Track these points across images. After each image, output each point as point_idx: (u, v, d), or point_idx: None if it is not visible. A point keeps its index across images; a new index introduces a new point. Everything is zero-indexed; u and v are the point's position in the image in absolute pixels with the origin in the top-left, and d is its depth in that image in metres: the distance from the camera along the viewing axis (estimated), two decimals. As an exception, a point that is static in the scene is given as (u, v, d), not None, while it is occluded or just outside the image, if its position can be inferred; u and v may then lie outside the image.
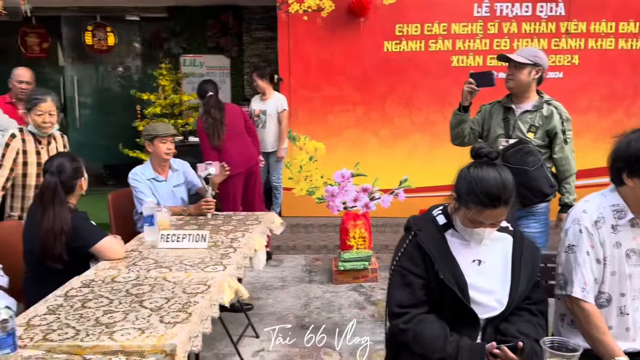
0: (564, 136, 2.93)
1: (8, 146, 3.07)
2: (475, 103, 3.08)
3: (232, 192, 4.56)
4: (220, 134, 4.46)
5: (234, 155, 4.52)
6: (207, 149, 4.47)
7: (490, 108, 3.12)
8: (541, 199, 2.88)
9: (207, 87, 4.54)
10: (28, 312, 1.95)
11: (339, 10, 5.41)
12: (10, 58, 7.67)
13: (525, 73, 2.90)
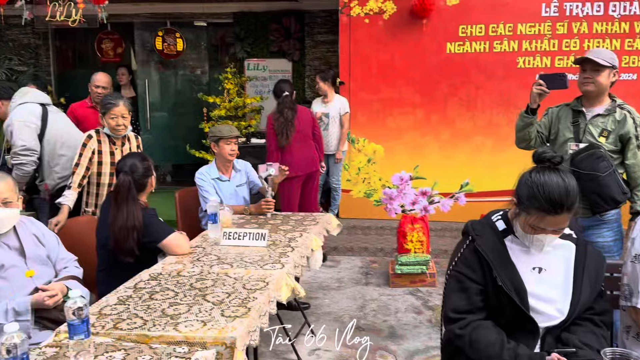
0: (638, 142, 2.79)
1: (85, 146, 3.29)
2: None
3: (288, 194, 4.65)
4: (288, 135, 4.56)
5: (296, 158, 4.62)
6: (273, 148, 4.56)
7: (558, 111, 3.01)
8: (612, 206, 2.76)
9: (283, 87, 4.65)
10: (100, 302, 2.09)
11: (400, 13, 5.39)
12: (87, 63, 8.18)
13: (604, 76, 2.79)
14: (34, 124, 3.55)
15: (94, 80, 4.44)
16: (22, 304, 2.15)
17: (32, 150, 3.52)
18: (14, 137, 3.52)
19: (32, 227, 2.41)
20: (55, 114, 3.74)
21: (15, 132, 3.51)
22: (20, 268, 2.26)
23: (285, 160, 4.57)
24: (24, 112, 3.57)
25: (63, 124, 3.74)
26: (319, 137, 4.88)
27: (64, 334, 1.75)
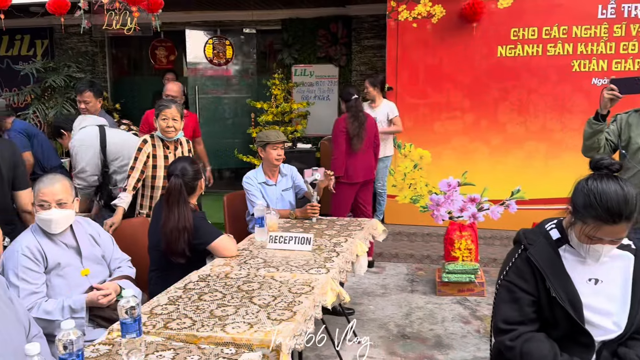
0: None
1: (140, 150, 3.41)
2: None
3: (343, 199, 4.64)
4: (362, 139, 4.59)
5: (358, 165, 4.64)
6: (341, 153, 4.53)
7: (627, 117, 2.86)
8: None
9: (352, 91, 4.68)
10: (151, 302, 2.15)
11: (450, 16, 5.31)
12: (141, 70, 8.47)
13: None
14: (92, 145, 3.73)
15: (166, 90, 4.68)
16: (78, 301, 2.24)
17: (91, 171, 3.72)
18: (75, 160, 3.74)
19: (89, 227, 2.51)
20: (111, 131, 3.91)
21: (76, 154, 3.73)
22: (76, 267, 2.36)
23: (348, 166, 4.59)
24: (83, 135, 3.78)
25: (119, 138, 3.89)
26: (378, 145, 4.88)
27: (117, 332, 1.81)
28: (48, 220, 2.27)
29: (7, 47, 8.10)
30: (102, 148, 3.77)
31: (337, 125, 4.62)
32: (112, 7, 4.82)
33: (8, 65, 8.08)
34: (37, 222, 2.31)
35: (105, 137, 3.81)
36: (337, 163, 4.58)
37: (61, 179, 2.36)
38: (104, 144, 3.78)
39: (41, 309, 2.18)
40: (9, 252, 2.25)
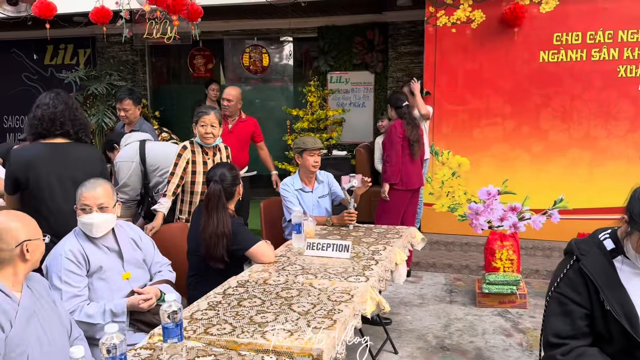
0: None
1: (180, 157, 3.44)
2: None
3: (397, 206, 4.58)
4: (419, 145, 4.57)
5: (414, 171, 4.61)
6: (396, 159, 4.47)
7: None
8: None
9: (402, 97, 4.64)
10: (192, 307, 2.14)
11: (490, 21, 5.21)
12: (180, 78, 8.63)
13: None
14: (133, 161, 3.80)
15: (223, 94, 4.77)
16: (119, 305, 2.26)
17: (132, 186, 3.79)
18: (118, 176, 3.83)
19: (130, 231, 2.54)
20: (152, 144, 3.97)
21: (119, 170, 3.81)
22: (117, 270, 2.39)
23: (404, 173, 4.55)
24: (125, 152, 3.87)
25: (158, 149, 3.94)
26: (424, 152, 4.84)
27: (158, 337, 1.81)
28: (89, 224, 2.30)
29: (52, 56, 8.38)
30: (142, 160, 3.84)
31: (393, 131, 4.51)
32: (153, 16, 4.92)
33: (52, 73, 8.36)
34: (79, 226, 2.35)
35: (145, 149, 3.87)
36: (393, 169, 4.49)
37: (103, 183, 2.39)
38: (144, 157, 3.85)
39: (83, 313, 2.21)
40: (52, 255, 2.30)
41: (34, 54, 8.06)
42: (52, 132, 2.71)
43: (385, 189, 4.54)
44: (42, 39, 7.63)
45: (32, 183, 2.66)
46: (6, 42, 8.31)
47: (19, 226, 1.82)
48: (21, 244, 1.79)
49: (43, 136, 2.72)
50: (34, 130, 2.71)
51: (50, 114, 2.70)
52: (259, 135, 5.03)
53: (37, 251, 1.86)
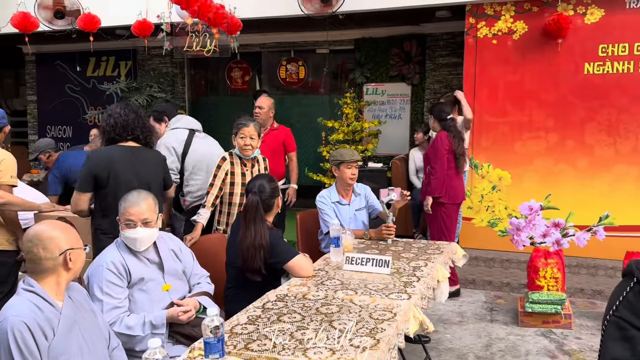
0: None
1: (219, 168, 3.45)
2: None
3: (449, 220, 4.49)
4: (465, 158, 4.54)
5: (459, 184, 4.56)
6: (443, 172, 4.40)
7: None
8: None
9: (446, 109, 4.59)
10: (231, 320, 2.11)
11: (532, 33, 5.09)
12: (218, 90, 8.74)
13: None
14: (174, 147, 3.82)
15: (256, 102, 4.78)
16: (159, 317, 2.25)
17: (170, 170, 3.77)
18: None
19: (171, 242, 2.54)
20: (201, 139, 3.98)
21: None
22: (158, 282, 2.38)
23: (451, 185, 4.48)
24: (170, 136, 3.89)
25: (205, 149, 3.96)
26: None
27: (199, 351, 1.79)
28: (133, 239, 2.31)
29: (94, 68, 8.62)
30: (183, 154, 3.84)
31: (439, 143, 4.42)
32: (194, 29, 5.00)
33: (94, 85, 8.59)
34: (122, 239, 2.36)
35: (191, 143, 3.87)
36: (437, 182, 4.40)
37: (146, 197, 2.40)
38: (187, 150, 3.85)
39: (123, 324, 2.21)
40: (94, 266, 2.31)
41: (77, 66, 8.30)
42: (124, 137, 3.00)
43: (429, 202, 4.44)
44: (85, 52, 7.87)
45: (112, 181, 2.89)
46: (51, 54, 8.60)
47: (62, 235, 1.83)
48: (64, 253, 1.81)
49: (116, 141, 3.00)
50: (108, 136, 3.00)
51: (122, 121, 2.98)
52: (290, 145, 4.95)
53: (79, 260, 1.87)
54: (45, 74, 8.84)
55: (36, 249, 1.79)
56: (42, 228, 1.84)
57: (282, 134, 4.90)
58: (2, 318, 1.68)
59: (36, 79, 8.93)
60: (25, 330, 1.64)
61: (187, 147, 3.85)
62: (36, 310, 1.71)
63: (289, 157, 4.98)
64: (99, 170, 2.89)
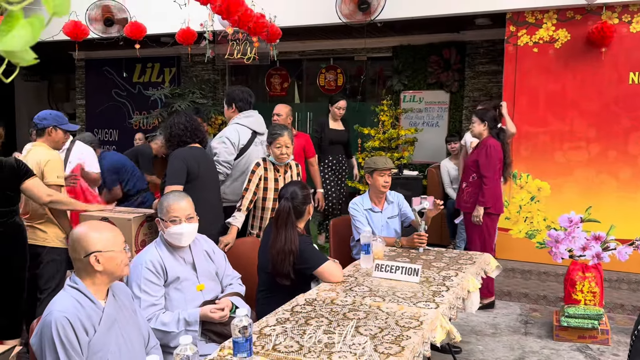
0: None
1: (254, 173, 3.54)
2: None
3: (492, 231, 4.46)
4: (510, 168, 4.53)
5: (501, 194, 4.51)
6: (494, 181, 4.36)
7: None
8: None
9: (497, 117, 4.56)
10: (261, 322, 2.18)
11: (575, 41, 4.99)
12: (256, 96, 8.89)
13: None
14: (231, 144, 3.88)
15: (274, 109, 4.90)
16: (192, 315, 2.34)
17: (226, 162, 3.87)
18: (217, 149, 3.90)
19: (205, 244, 2.64)
20: (257, 146, 4.04)
21: (218, 145, 3.89)
22: (192, 282, 2.48)
23: (497, 194, 4.43)
24: (232, 130, 3.94)
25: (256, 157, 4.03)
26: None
27: (228, 350, 1.86)
28: (179, 234, 2.42)
29: (140, 74, 8.93)
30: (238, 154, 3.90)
31: (493, 151, 4.32)
32: (235, 37, 5.14)
33: (139, 90, 8.90)
34: (165, 237, 2.46)
35: (250, 146, 3.95)
36: (490, 192, 4.33)
37: (185, 195, 2.54)
38: (243, 152, 3.92)
39: (159, 321, 2.30)
40: (133, 265, 2.42)
41: (123, 72, 8.62)
42: (193, 140, 3.46)
43: (480, 213, 4.33)
44: (131, 58, 8.17)
45: (202, 173, 3.38)
46: (99, 60, 8.97)
47: (92, 237, 1.87)
48: (89, 255, 1.86)
49: (186, 143, 3.44)
50: (179, 139, 3.43)
51: (190, 127, 3.45)
52: (309, 150, 5.05)
53: (112, 263, 1.88)
54: (93, 79, 9.22)
55: (70, 249, 1.91)
56: (76, 230, 1.94)
57: (302, 140, 4.99)
58: (48, 312, 1.79)
59: (85, 84, 9.32)
60: (67, 325, 1.75)
61: (245, 149, 3.93)
62: (78, 307, 1.81)
63: (309, 163, 5.05)
64: (191, 165, 3.32)
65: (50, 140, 3.42)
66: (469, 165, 4.53)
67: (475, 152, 4.49)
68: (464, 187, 4.52)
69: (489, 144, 4.36)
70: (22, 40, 0.65)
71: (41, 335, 1.77)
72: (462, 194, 4.53)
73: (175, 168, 3.30)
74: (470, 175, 4.49)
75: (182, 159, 3.33)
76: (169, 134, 3.45)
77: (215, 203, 3.57)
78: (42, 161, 3.25)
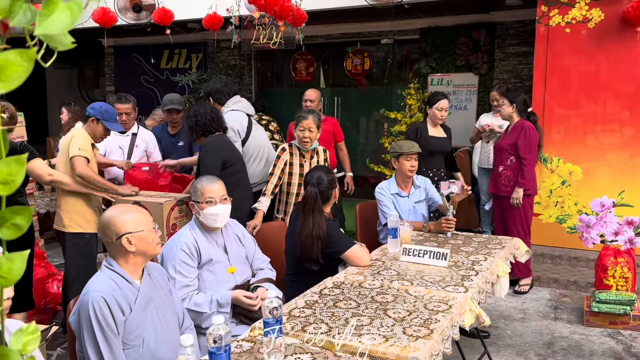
0: None
1: (279, 158, 3.57)
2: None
3: (530, 213, 4.46)
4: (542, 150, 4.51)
5: (535, 175, 4.49)
6: (533, 162, 4.37)
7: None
8: None
9: (528, 100, 4.51)
10: (290, 304, 2.21)
11: (609, 21, 4.82)
12: (282, 82, 8.91)
13: None
14: (237, 130, 3.92)
15: (305, 95, 4.87)
16: (225, 297, 2.39)
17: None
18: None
19: (235, 228, 2.68)
20: (256, 125, 4.11)
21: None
22: (224, 264, 2.53)
23: (534, 176, 4.46)
24: (232, 118, 3.96)
25: (262, 137, 4.09)
26: None
27: (259, 330, 1.89)
28: (215, 215, 2.47)
29: (167, 60, 9.01)
30: (244, 140, 3.93)
31: (532, 134, 4.30)
32: (261, 22, 5.13)
33: (167, 76, 8.99)
34: (200, 219, 2.50)
35: (251, 129, 3.98)
36: (530, 174, 4.35)
37: (217, 179, 2.62)
38: (247, 137, 3.95)
39: (192, 301, 2.36)
40: (168, 246, 2.48)
41: (151, 58, 8.70)
42: (217, 128, 3.57)
43: (520, 195, 4.31)
44: (159, 44, 8.25)
45: (236, 159, 3.56)
46: (128, 47, 9.07)
47: (121, 220, 1.92)
48: (120, 237, 1.91)
49: (212, 132, 3.55)
50: (204, 129, 3.54)
51: (215, 117, 3.56)
52: (339, 135, 5.06)
53: (144, 242, 1.93)
54: (122, 66, 9.34)
55: (101, 233, 1.97)
56: (104, 215, 2.00)
57: (331, 124, 5.01)
58: (85, 292, 1.85)
59: (114, 70, 9.46)
60: (104, 305, 1.80)
61: (248, 133, 3.96)
62: (114, 286, 1.87)
63: (338, 147, 5.07)
64: (225, 154, 3.47)
65: (90, 130, 3.51)
66: (505, 148, 4.43)
67: (512, 135, 4.41)
68: (501, 170, 4.44)
69: (526, 126, 4.33)
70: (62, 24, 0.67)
71: (79, 315, 1.84)
72: (500, 178, 4.45)
73: (211, 159, 3.41)
74: (507, 158, 4.41)
75: (215, 149, 3.46)
76: (194, 123, 3.52)
77: (248, 185, 3.71)
78: (69, 138, 3.44)
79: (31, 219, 0.64)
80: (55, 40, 0.71)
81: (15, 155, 0.61)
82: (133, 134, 4.38)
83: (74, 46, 0.76)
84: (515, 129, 4.39)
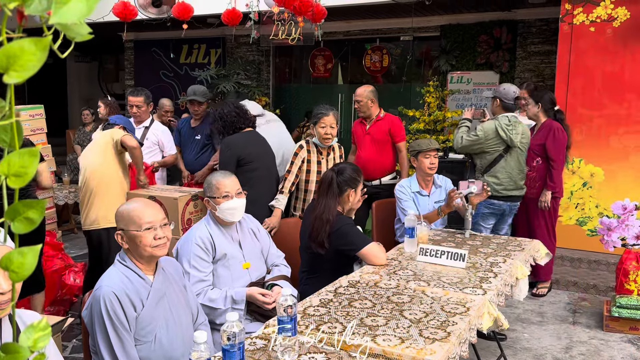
0: None
1: (297, 155, 3.54)
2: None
3: (556, 213, 4.41)
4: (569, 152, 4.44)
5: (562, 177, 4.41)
6: (562, 165, 4.31)
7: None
8: None
9: (554, 98, 4.43)
10: (304, 302, 2.19)
11: (635, 20, 4.70)
12: (300, 78, 8.88)
13: None
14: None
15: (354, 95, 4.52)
16: (239, 293, 2.37)
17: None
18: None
19: (251, 223, 2.66)
20: (264, 125, 4.11)
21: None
22: (238, 259, 2.51)
23: (561, 178, 4.37)
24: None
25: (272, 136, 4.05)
26: None
27: (273, 328, 1.87)
28: (233, 209, 2.46)
29: (186, 55, 9.05)
30: None
31: (561, 135, 4.22)
32: (280, 17, 5.11)
33: (186, 71, 9.02)
34: (217, 214, 2.49)
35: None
36: (558, 176, 4.27)
37: (230, 173, 2.61)
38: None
39: (207, 297, 2.35)
40: (183, 241, 2.47)
41: (171, 53, 8.74)
42: (246, 125, 3.66)
43: (548, 198, 4.25)
44: (179, 39, 8.28)
45: (255, 157, 3.55)
46: (148, 41, 9.13)
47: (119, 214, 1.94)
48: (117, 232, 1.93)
49: (240, 129, 3.63)
50: (234, 127, 3.63)
51: (242, 114, 3.66)
52: (396, 135, 4.33)
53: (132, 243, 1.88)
54: (142, 60, 9.40)
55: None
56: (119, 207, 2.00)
57: (388, 123, 4.37)
58: (98, 287, 1.85)
59: (134, 64, 9.52)
60: (115, 300, 1.79)
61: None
62: (126, 282, 1.86)
63: (397, 149, 4.34)
64: (239, 152, 3.49)
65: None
66: (531, 149, 4.31)
67: (540, 135, 4.32)
68: (527, 172, 4.32)
69: (554, 127, 4.24)
70: (78, 13, 0.65)
71: (91, 309, 1.83)
72: (526, 180, 4.29)
73: (224, 156, 3.54)
74: (534, 159, 4.32)
75: (229, 147, 3.53)
76: (222, 126, 3.65)
77: (270, 183, 3.68)
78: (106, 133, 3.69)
79: (44, 212, 0.62)
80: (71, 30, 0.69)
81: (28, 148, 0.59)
82: (145, 127, 4.42)
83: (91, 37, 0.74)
84: (542, 129, 4.31)
